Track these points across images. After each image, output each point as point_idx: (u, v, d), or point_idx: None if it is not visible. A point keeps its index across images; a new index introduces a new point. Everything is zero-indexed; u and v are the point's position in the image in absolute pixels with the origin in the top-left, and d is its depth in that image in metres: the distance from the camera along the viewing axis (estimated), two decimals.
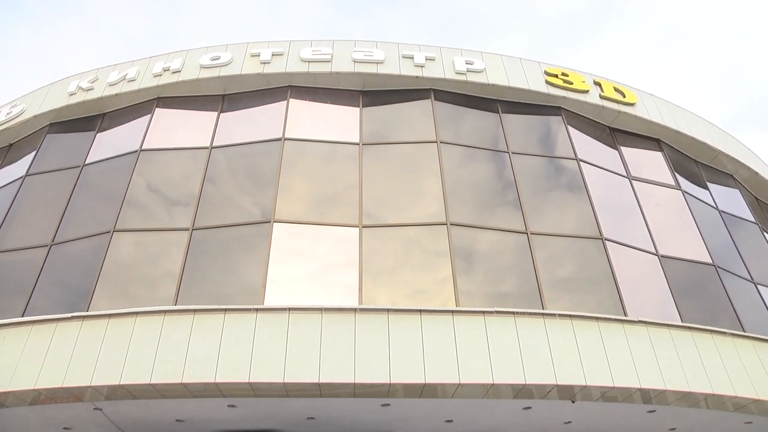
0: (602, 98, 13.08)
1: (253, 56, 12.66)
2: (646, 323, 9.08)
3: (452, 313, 8.63)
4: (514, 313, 8.74)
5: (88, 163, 12.05)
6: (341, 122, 12.05)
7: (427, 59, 12.68)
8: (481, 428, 9.87)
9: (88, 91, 13.08)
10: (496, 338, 8.40)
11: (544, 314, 8.84)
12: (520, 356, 8.25)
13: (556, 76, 13.09)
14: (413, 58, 12.67)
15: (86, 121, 13.15)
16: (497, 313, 8.69)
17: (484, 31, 61.92)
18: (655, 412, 9.25)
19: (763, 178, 14.85)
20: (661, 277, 10.62)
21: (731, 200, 13.87)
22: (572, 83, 13.03)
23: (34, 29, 56.05)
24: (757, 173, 14.72)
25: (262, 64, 12.51)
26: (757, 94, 57.15)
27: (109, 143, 12.42)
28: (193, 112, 12.58)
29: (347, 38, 13.12)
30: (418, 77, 12.46)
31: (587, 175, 11.70)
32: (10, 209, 11.74)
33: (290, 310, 8.46)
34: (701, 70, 60.54)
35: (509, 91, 12.70)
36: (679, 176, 13.02)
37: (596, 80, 13.43)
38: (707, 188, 13.56)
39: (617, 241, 10.73)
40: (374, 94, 12.58)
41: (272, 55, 12.61)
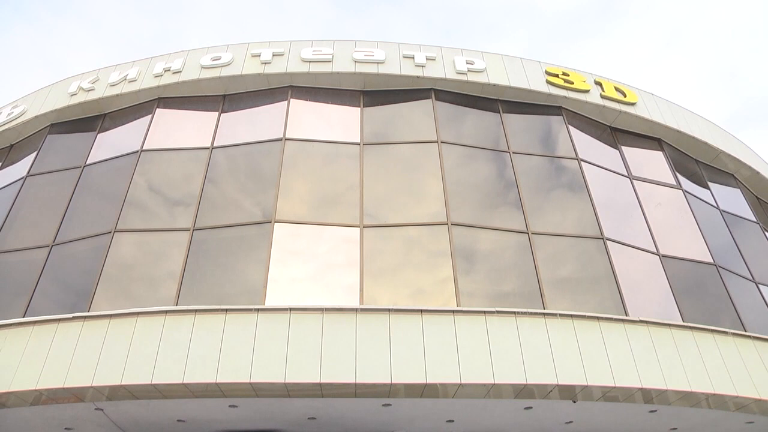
0: (603, 98, 13.08)
1: (253, 56, 12.66)
2: (647, 323, 9.08)
3: (453, 313, 8.63)
4: (515, 312, 8.74)
5: (89, 163, 12.06)
6: (342, 122, 12.05)
7: (427, 59, 12.68)
8: (482, 428, 9.87)
9: (89, 91, 13.09)
10: (497, 338, 8.40)
11: (545, 314, 8.84)
12: (521, 356, 8.25)
13: (557, 75, 13.09)
14: (414, 58, 12.67)
15: (87, 121, 13.16)
16: (498, 313, 8.68)
17: (485, 30, 61.97)
18: (656, 411, 9.24)
19: (764, 177, 14.85)
20: (662, 276, 10.61)
21: (732, 200, 13.86)
22: (573, 83, 13.03)
23: (34, 30, 56.15)
24: (758, 172, 14.72)
25: (262, 64, 12.51)
26: (758, 93, 57.17)
27: (110, 144, 12.43)
28: (193, 112, 12.59)
29: (348, 38, 13.15)
30: (418, 77, 12.46)
31: (588, 174, 11.69)
32: (11, 210, 11.74)
33: (291, 310, 8.47)
34: (702, 69, 60.56)
35: (510, 90, 12.70)
36: (680, 176, 13.02)
37: (597, 80, 13.43)
38: (708, 188, 13.55)
39: (618, 240, 10.72)
40: (375, 94, 12.59)
41: (273, 55, 12.62)
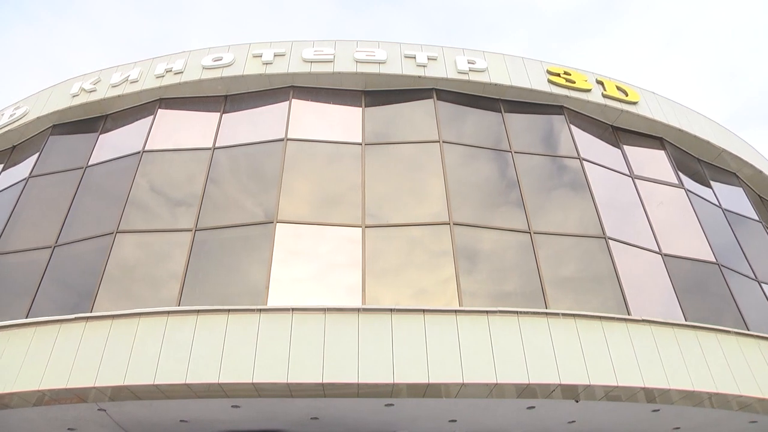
0: (605, 97, 13.07)
1: (255, 57, 12.67)
2: (649, 322, 9.06)
3: (455, 312, 8.63)
4: (517, 312, 8.73)
5: (91, 164, 12.07)
6: (344, 122, 12.05)
7: (429, 59, 12.68)
8: (484, 428, 9.86)
9: (90, 92, 13.10)
10: (499, 338, 8.39)
11: (547, 313, 8.83)
12: (523, 356, 8.24)
13: (558, 75, 13.08)
14: (415, 57, 12.67)
15: (89, 122, 13.17)
16: (500, 312, 8.68)
17: (486, 30, 61.93)
18: (659, 411, 9.23)
19: (766, 176, 14.80)
20: (664, 276, 10.59)
21: (735, 198, 13.84)
22: (575, 82, 13.02)
23: (36, 31, 56.22)
24: (760, 171, 14.69)
25: (264, 64, 12.52)
26: (760, 91, 57.05)
27: (111, 144, 12.45)
28: (195, 112, 12.59)
29: (349, 38, 13.14)
30: (420, 77, 12.45)
31: (590, 174, 11.68)
32: (13, 211, 11.76)
33: (293, 310, 8.47)
34: (703, 68, 60.47)
35: (511, 90, 12.69)
36: (682, 175, 13.00)
37: (599, 79, 13.41)
38: (710, 187, 13.52)
39: (620, 240, 10.71)
40: (376, 94, 12.58)
41: (274, 55, 12.62)
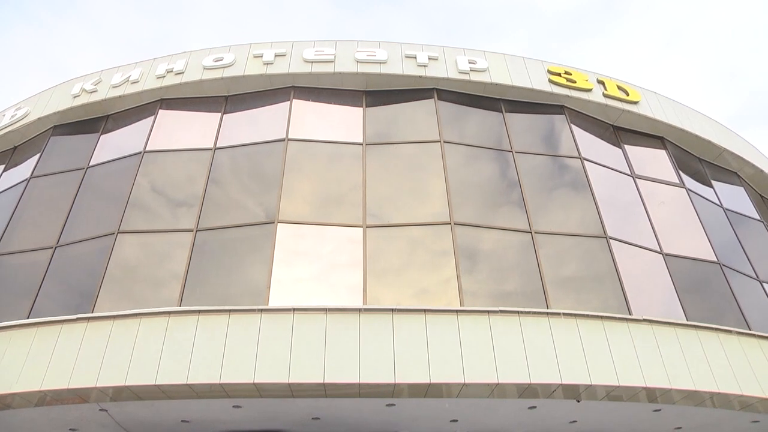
0: (605, 97, 13.06)
1: (256, 57, 12.67)
2: (650, 322, 9.06)
3: (456, 312, 8.63)
4: (518, 312, 8.73)
5: (92, 165, 12.08)
6: (344, 122, 12.05)
7: (429, 59, 12.68)
8: (486, 428, 9.86)
9: (91, 93, 13.11)
10: (500, 338, 8.39)
11: (548, 313, 8.83)
12: (524, 356, 8.24)
13: (559, 74, 13.07)
14: (416, 57, 12.67)
15: (90, 123, 13.18)
16: (501, 312, 8.67)
17: (487, 29, 61.92)
18: (660, 411, 9.22)
19: (767, 175, 14.80)
20: (665, 275, 10.58)
21: (736, 198, 13.82)
22: (575, 82, 13.02)
23: (37, 32, 56.26)
24: (761, 171, 14.67)
25: (265, 64, 12.52)
26: (761, 91, 57.01)
27: (112, 145, 12.45)
28: (196, 113, 12.60)
29: (350, 38, 13.14)
30: (421, 77, 12.45)
31: (591, 173, 11.67)
32: (14, 211, 11.77)
33: (295, 310, 8.47)
34: (705, 67, 60.43)
35: (512, 90, 12.69)
36: (683, 174, 12.99)
37: (599, 79, 13.40)
38: (711, 186, 13.51)
39: (621, 239, 10.70)
40: (377, 94, 12.58)
41: (275, 55, 12.62)
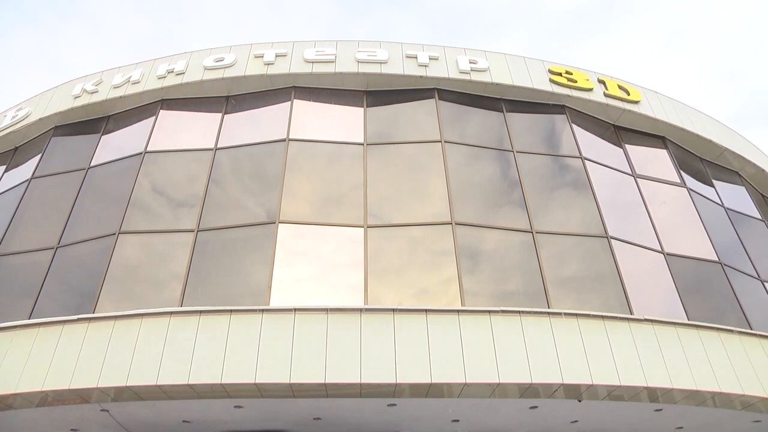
0: (606, 96, 13.05)
1: (256, 57, 12.67)
2: (652, 321, 9.05)
3: (458, 312, 8.63)
4: (519, 312, 8.73)
5: (93, 165, 12.09)
6: (345, 122, 12.05)
7: (430, 59, 12.68)
8: (487, 428, 9.86)
9: (92, 93, 13.12)
10: (501, 337, 8.39)
11: (549, 313, 8.82)
12: (526, 355, 8.24)
13: (560, 74, 13.06)
14: (417, 57, 12.67)
15: (91, 123, 13.19)
16: (503, 312, 8.67)
17: (487, 29, 61.91)
18: (662, 410, 9.22)
19: None
20: (667, 275, 10.58)
21: (737, 197, 13.81)
22: (576, 81, 13.01)
23: (38, 32, 56.30)
24: (763, 170, 14.65)
25: (265, 65, 12.52)
26: (762, 90, 56.94)
27: (114, 145, 12.46)
28: (197, 113, 12.61)
29: (351, 38, 13.13)
30: (421, 77, 12.45)
31: (592, 173, 11.67)
32: (16, 212, 11.78)
33: (296, 310, 8.47)
34: (705, 67, 60.38)
35: (513, 89, 12.68)
36: (684, 174, 12.98)
37: (600, 78, 13.39)
38: (713, 185, 13.50)
39: (623, 239, 10.70)
40: (378, 94, 12.58)
41: (276, 56, 12.63)
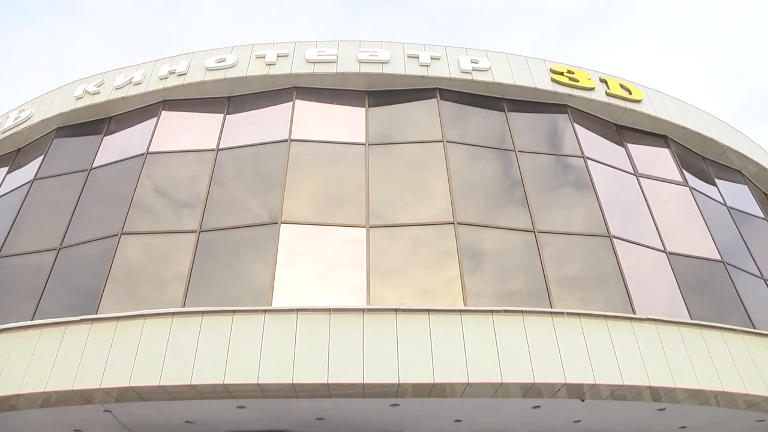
0: (608, 95, 13.04)
1: (258, 58, 12.68)
2: (654, 321, 9.04)
3: (460, 312, 8.62)
4: (522, 312, 8.72)
5: (95, 166, 12.10)
6: (347, 123, 12.06)
7: (432, 59, 12.68)
8: (490, 428, 9.85)
9: (94, 94, 13.14)
10: (504, 337, 8.39)
11: (552, 313, 8.82)
12: (528, 355, 8.23)
13: (561, 73, 13.05)
14: (418, 57, 12.66)
15: (93, 124, 13.21)
16: (505, 312, 8.67)
17: (489, 29, 61.84)
18: (665, 410, 9.21)
19: None
20: (669, 274, 10.57)
21: (740, 196, 13.78)
22: (578, 81, 12.99)
23: (39, 33, 56.39)
24: (765, 169, 14.61)
25: (267, 65, 12.53)
26: (764, 88, 56.81)
27: (116, 146, 12.48)
28: (199, 114, 12.62)
29: (352, 38, 13.13)
30: (423, 77, 12.45)
31: (594, 172, 11.65)
32: (18, 213, 11.80)
33: (298, 311, 8.47)
34: (708, 65, 60.26)
35: (515, 89, 12.67)
36: (686, 173, 12.96)
37: (602, 77, 13.38)
38: (715, 184, 13.48)
39: (625, 238, 10.68)
40: (380, 94, 12.58)
41: (277, 56, 12.63)
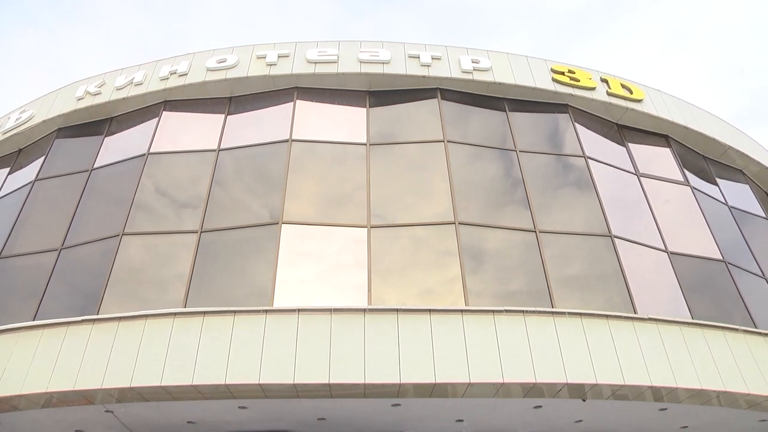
0: (609, 95, 13.03)
1: (259, 58, 12.68)
2: (656, 320, 9.04)
3: (461, 312, 8.62)
4: (523, 311, 8.72)
5: (96, 167, 12.11)
6: (348, 123, 12.06)
7: (433, 58, 12.67)
8: (491, 427, 9.85)
9: (95, 95, 13.15)
10: (505, 337, 8.38)
11: (553, 312, 8.81)
12: (530, 355, 8.23)
13: (562, 73, 13.04)
14: (419, 57, 12.66)
15: (94, 125, 13.22)
16: (506, 312, 8.67)
17: (490, 29, 61.81)
18: (666, 410, 9.20)
19: None
20: (670, 273, 10.56)
21: (741, 196, 13.77)
22: (579, 80, 12.99)
23: (40, 33, 56.43)
24: (767, 168, 14.60)
25: (268, 65, 12.53)
26: (766, 88, 56.75)
27: (117, 147, 12.48)
28: (200, 114, 12.62)
29: (353, 39, 13.13)
30: (424, 77, 12.44)
31: (595, 172, 11.65)
32: (20, 214, 11.81)
33: (299, 311, 8.48)
34: (709, 65, 60.20)
35: (516, 89, 12.67)
36: (687, 172, 12.95)
37: (603, 77, 13.37)
38: (716, 184, 13.47)
39: (626, 238, 10.68)
40: (381, 94, 12.58)
41: (278, 56, 12.63)
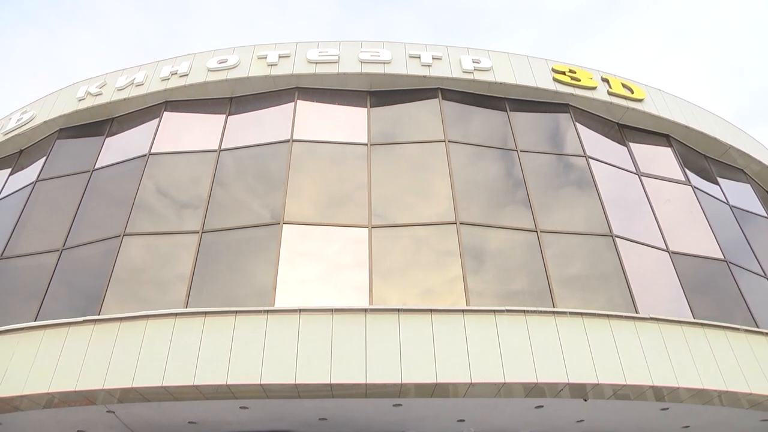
0: (610, 95, 13.02)
1: (260, 58, 12.69)
2: (657, 320, 9.03)
3: (463, 312, 8.62)
4: (524, 311, 8.71)
5: (97, 167, 12.12)
6: (349, 123, 12.06)
7: (433, 58, 12.68)
8: (493, 427, 9.84)
9: (96, 96, 13.16)
10: (507, 337, 8.38)
11: (554, 312, 8.81)
12: (531, 355, 8.22)
13: (563, 73, 13.04)
14: (420, 57, 12.66)
15: (95, 125, 13.23)
16: (508, 311, 8.66)
17: (490, 29, 61.80)
18: (668, 409, 9.19)
19: None
20: (672, 273, 10.55)
21: (742, 195, 13.76)
22: (580, 80, 12.98)
23: (40, 34, 56.48)
24: None
25: (269, 66, 12.54)
26: (766, 88, 56.70)
27: (118, 147, 12.49)
28: (201, 115, 12.63)
29: (354, 39, 13.13)
30: (425, 77, 12.44)
31: (596, 172, 11.64)
32: (21, 215, 11.82)
33: (301, 311, 8.48)
34: (710, 64, 60.15)
35: (517, 89, 12.66)
36: (689, 172, 12.94)
37: (604, 77, 13.37)
38: (718, 183, 13.46)
39: (627, 237, 10.67)
40: (382, 94, 12.59)
41: (279, 56, 12.64)
